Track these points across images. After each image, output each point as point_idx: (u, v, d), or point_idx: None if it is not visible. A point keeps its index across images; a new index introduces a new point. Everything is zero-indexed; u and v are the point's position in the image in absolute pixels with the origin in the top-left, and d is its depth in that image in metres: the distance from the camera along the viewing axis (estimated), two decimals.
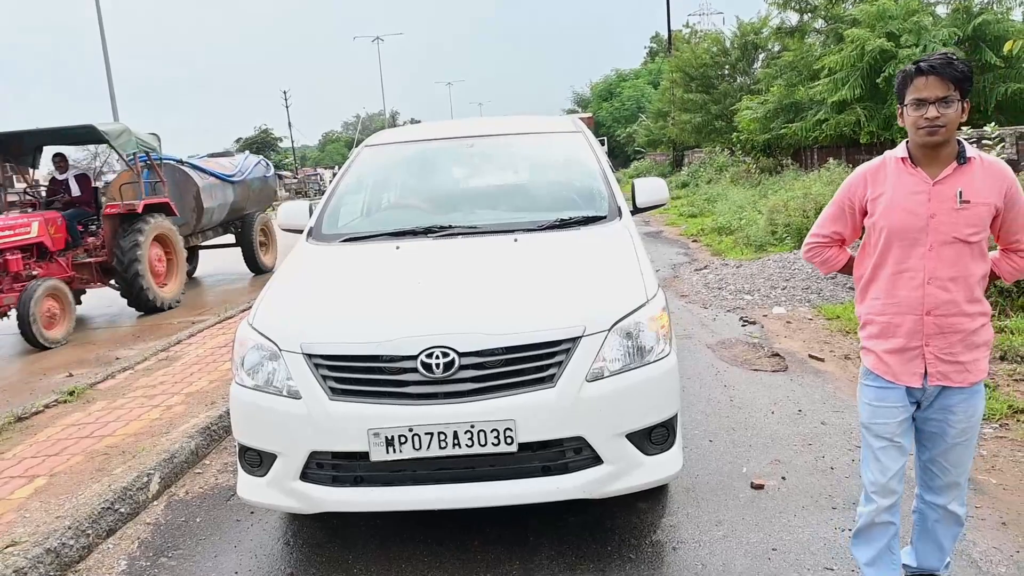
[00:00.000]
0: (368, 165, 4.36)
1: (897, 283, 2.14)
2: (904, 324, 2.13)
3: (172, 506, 3.61)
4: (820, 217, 2.42)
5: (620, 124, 45.72)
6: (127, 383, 5.46)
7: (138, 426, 4.44)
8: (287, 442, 2.66)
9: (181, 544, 3.22)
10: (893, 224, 2.11)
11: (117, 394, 5.17)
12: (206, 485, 3.83)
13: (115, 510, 3.39)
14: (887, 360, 2.18)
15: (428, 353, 2.55)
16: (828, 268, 2.46)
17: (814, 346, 5.43)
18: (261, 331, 2.84)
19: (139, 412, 4.70)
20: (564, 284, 2.91)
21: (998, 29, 11.47)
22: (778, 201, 10.16)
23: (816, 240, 2.42)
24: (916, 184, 2.11)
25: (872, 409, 2.25)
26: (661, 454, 2.73)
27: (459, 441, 2.51)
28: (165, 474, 3.80)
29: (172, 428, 4.34)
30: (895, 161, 2.18)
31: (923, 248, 2.09)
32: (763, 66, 20.73)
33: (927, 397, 2.19)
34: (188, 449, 4.07)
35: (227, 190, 10.87)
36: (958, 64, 2.02)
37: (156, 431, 4.32)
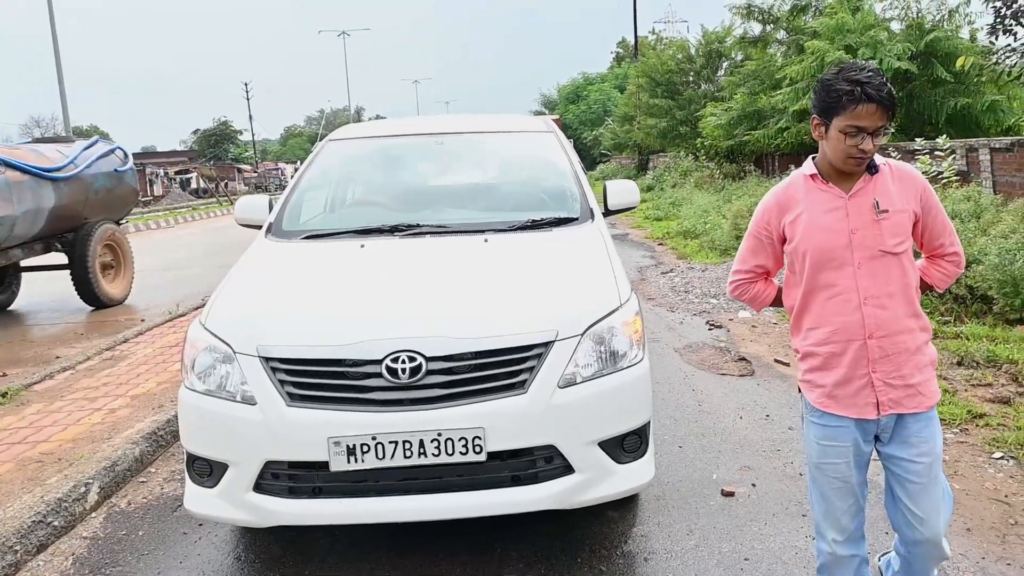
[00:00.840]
0: (333, 159, 4.20)
1: (833, 308, 1.97)
2: (847, 352, 1.95)
3: (112, 518, 3.36)
4: (739, 252, 2.22)
5: (586, 127, 46.00)
6: (67, 384, 5.13)
7: (77, 431, 4.15)
8: (240, 451, 2.50)
9: (121, 560, 2.99)
10: (815, 246, 1.96)
11: (55, 396, 4.84)
12: (151, 495, 3.59)
13: (48, 523, 3.14)
14: (834, 394, 1.99)
15: (394, 357, 2.43)
16: (759, 304, 2.26)
17: (779, 350, 5.44)
18: (214, 332, 2.67)
19: (79, 416, 4.41)
20: (536, 287, 2.81)
21: (948, 46, 11.83)
22: (742, 206, 10.26)
23: (740, 277, 2.22)
24: (831, 200, 1.97)
25: (821, 448, 2.05)
26: (633, 462, 2.66)
27: (425, 450, 2.40)
28: (105, 483, 3.55)
29: (115, 433, 4.07)
30: (804, 179, 2.03)
31: (851, 267, 1.94)
32: (727, 74, 21.05)
33: (884, 430, 2.01)
34: (132, 456, 3.81)
35: (42, 190, 7.60)
36: (891, 90, 1.86)
37: (97, 436, 4.04)
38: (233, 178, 53.04)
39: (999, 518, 2.94)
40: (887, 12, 13.29)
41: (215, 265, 11.88)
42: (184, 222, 24.62)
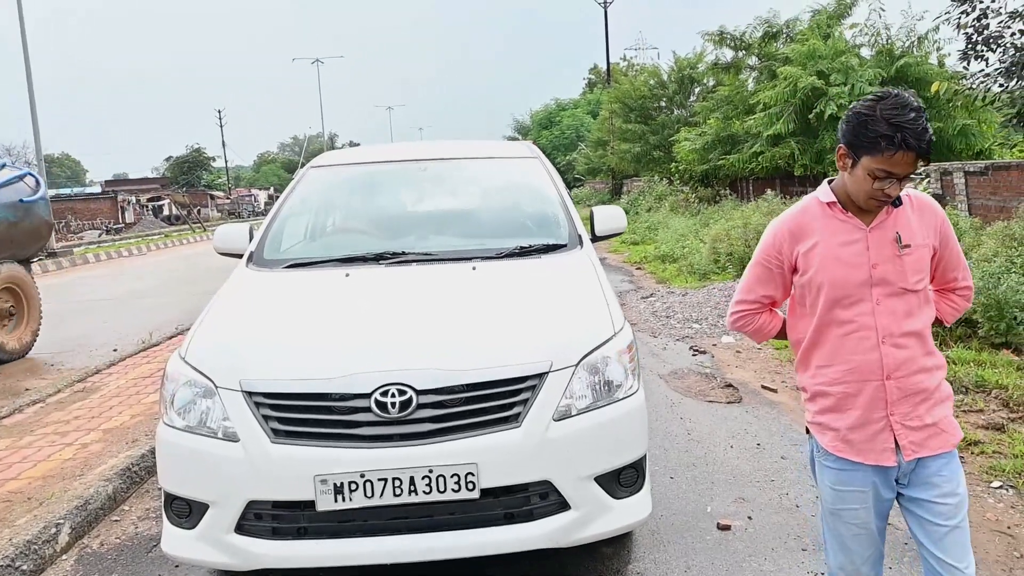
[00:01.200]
0: (314, 187, 4.11)
1: (848, 346, 1.84)
2: (862, 392, 1.83)
3: (84, 560, 3.22)
4: (744, 281, 2.07)
5: (560, 152, 46.38)
6: (37, 418, 4.96)
7: (47, 467, 4.00)
8: (222, 490, 2.40)
9: None
10: (833, 280, 1.83)
11: (25, 431, 4.68)
12: (124, 535, 3.45)
13: (16, 568, 2.99)
14: (849, 438, 1.85)
15: (383, 391, 2.35)
16: (761, 337, 2.12)
17: (765, 376, 5.41)
18: (194, 365, 2.58)
19: (49, 451, 4.26)
20: (528, 316, 2.73)
21: (919, 71, 12.17)
22: (720, 231, 10.33)
23: (744, 308, 2.07)
24: (849, 232, 1.84)
25: (837, 494, 1.90)
26: (630, 497, 2.58)
27: (416, 488, 2.31)
28: (77, 523, 3.40)
29: (87, 470, 3.92)
30: (819, 206, 1.89)
31: (869, 303, 1.82)
32: (699, 99, 21.42)
33: (904, 473, 1.86)
34: (104, 494, 3.66)
35: None
36: (931, 136, 1.76)
37: (68, 473, 3.89)
38: (206, 205, 53.24)
39: (1003, 551, 2.89)
40: (857, 38, 13.66)
41: (189, 293, 11.69)
42: (156, 249, 24.49)
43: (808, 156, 12.95)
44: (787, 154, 13.17)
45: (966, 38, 8.05)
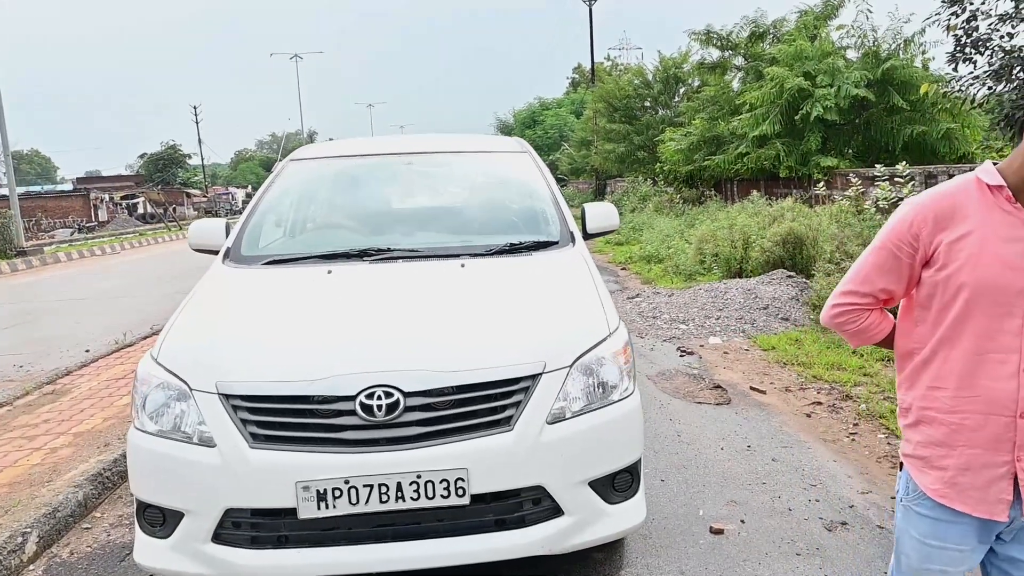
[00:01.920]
0: (294, 180, 4.01)
1: (978, 368, 1.52)
2: (985, 428, 1.51)
3: (52, 570, 3.13)
4: (858, 268, 1.71)
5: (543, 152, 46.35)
6: (3, 422, 4.83)
7: (14, 473, 3.88)
8: (198, 498, 2.32)
9: None
10: (982, 282, 1.49)
11: None
12: (95, 543, 3.35)
13: None
14: (957, 481, 1.55)
15: (368, 393, 2.27)
16: (862, 340, 1.76)
17: (754, 377, 5.41)
18: (168, 367, 2.49)
19: (16, 456, 4.13)
20: (520, 315, 2.67)
21: (904, 74, 12.30)
22: (707, 231, 10.36)
23: (851, 302, 1.71)
24: (1015, 228, 1.50)
25: (926, 550, 1.62)
26: (625, 502, 2.55)
27: (403, 494, 2.24)
28: (45, 531, 3.30)
29: (56, 476, 3.80)
30: (980, 189, 1.54)
31: (1019, 320, 1.49)
32: (684, 99, 21.52)
33: (1010, 530, 1.59)
34: (74, 500, 3.56)
35: None
36: None
37: (36, 480, 3.78)
38: (182, 203, 53.07)
39: None
40: (844, 40, 13.78)
41: (164, 292, 11.52)
42: (131, 248, 24.21)
43: (793, 158, 13.04)
44: (772, 155, 13.25)
45: (955, 40, 8.13)
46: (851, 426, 4.34)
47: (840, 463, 3.82)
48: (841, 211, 10.11)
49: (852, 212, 9.97)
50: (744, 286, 7.99)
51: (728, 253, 9.37)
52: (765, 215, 9.93)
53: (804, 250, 8.48)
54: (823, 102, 12.24)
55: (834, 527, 3.15)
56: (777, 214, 9.77)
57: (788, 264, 8.52)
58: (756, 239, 9.11)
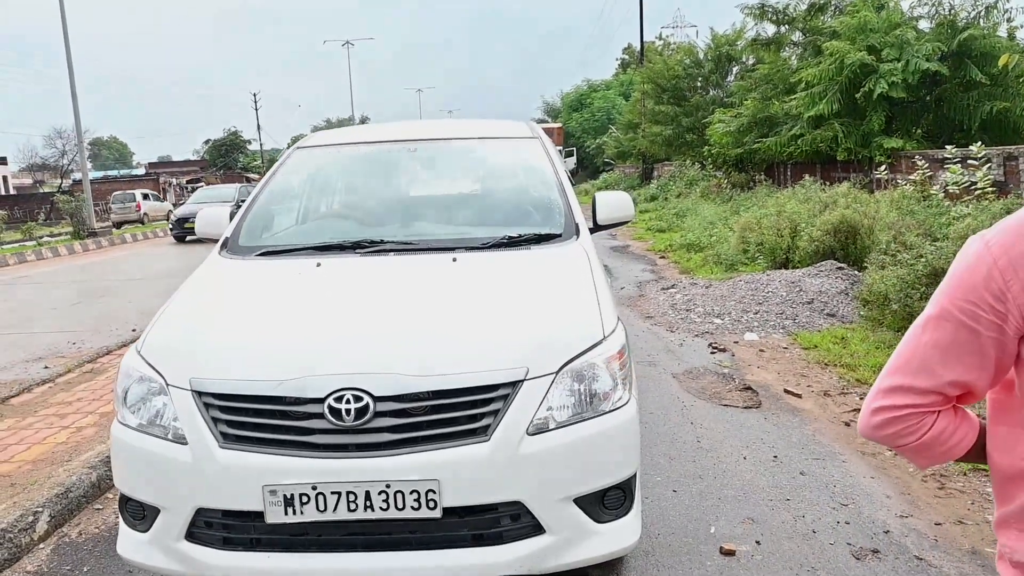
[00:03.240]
0: (299, 169, 4.01)
1: None
2: None
3: (60, 550, 3.22)
4: (909, 349, 1.15)
5: (590, 135, 45.90)
6: (43, 398, 5.15)
7: (39, 451, 4.10)
8: (171, 495, 2.33)
9: None
10: None
11: (29, 411, 4.85)
12: (103, 525, 3.43)
13: None
14: None
15: (337, 396, 2.19)
16: (932, 458, 1.19)
17: (790, 379, 5.05)
18: (148, 360, 2.48)
19: (45, 434, 4.38)
20: (506, 316, 2.52)
21: (984, 45, 11.50)
22: (750, 218, 9.92)
23: (904, 405, 1.14)
24: None
25: None
26: (616, 521, 2.35)
27: (372, 503, 2.16)
28: (57, 511, 3.42)
29: (75, 455, 3.97)
30: None
31: None
32: (737, 79, 20.82)
33: None
34: (88, 481, 3.67)
35: None
36: None
37: (57, 459, 3.95)
38: None
39: None
40: (915, 10, 12.99)
41: None
42: None
43: (853, 139, 12.38)
44: (829, 137, 12.61)
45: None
46: None
47: (878, 480, 3.47)
48: (904, 197, 9.52)
49: (916, 198, 9.38)
50: (788, 278, 7.56)
51: (773, 242, 8.92)
52: (816, 201, 9.43)
53: (858, 240, 7.99)
54: (888, 78, 11.55)
55: (863, 555, 2.83)
56: (829, 200, 9.25)
57: (840, 255, 8.05)
58: (805, 227, 8.64)
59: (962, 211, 7.45)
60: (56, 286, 12.09)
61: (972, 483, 3.40)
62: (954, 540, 2.92)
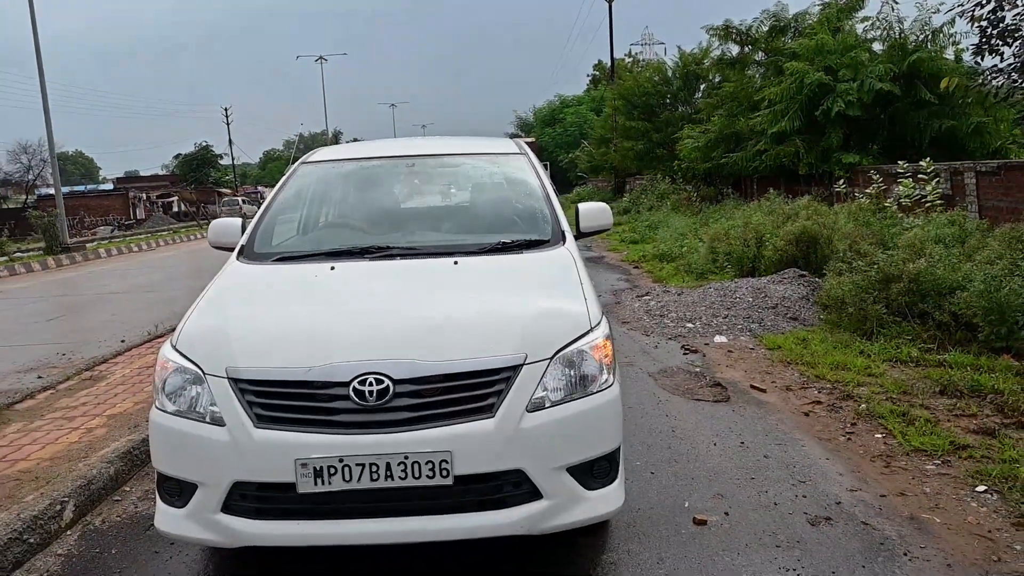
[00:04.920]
0: (305, 182, 4.33)
1: None
2: None
3: (86, 536, 3.50)
4: None
5: (563, 149, 46.56)
6: (47, 403, 5.35)
7: (55, 450, 4.32)
8: (209, 471, 2.60)
9: None
10: None
11: (35, 415, 5.07)
12: (124, 513, 3.72)
13: (23, 541, 3.28)
14: None
15: (361, 380, 2.50)
16: None
17: (756, 376, 5.49)
18: (184, 353, 2.79)
19: (57, 435, 4.60)
20: (505, 310, 2.88)
21: (932, 67, 12.22)
22: (719, 230, 10.42)
23: None
24: None
25: None
26: (603, 488, 2.72)
27: (392, 473, 2.46)
28: (81, 502, 3.70)
29: (91, 452, 4.23)
30: None
31: None
32: (704, 96, 21.53)
33: None
34: (107, 475, 3.95)
35: None
36: None
37: (74, 455, 4.20)
38: (213, 202, 56.72)
39: (981, 554, 2.96)
40: (869, 33, 13.73)
41: (194, 287, 11.75)
42: (165, 244, 26.05)
43: (813, 155, 13.03)
44: (791, 152, 13.26)
45: (980, 31, 8.14)
46: (848, 425, 4.41)
47: (832, 461, 3.90)
48: (860, 209, 10.11)
49: (872, 210, 9.97)
50: (754, 285, 8.05)
51: (740, 252, 9.42)
52: (780, 213, 9.97)
53: (818, 249, 8.52)
54: (845, 97, 12.23)
55: (818, 522, 3.25)
56: (792, 212, 9.80)
57: (801, 263, 8.57)
58: (770, 238, 9.16)
59: (912, 222, 8.03)
60: (34, 301, 12.16)
61: (913, 462, 3.85)
62: (896, 508, 3.35)
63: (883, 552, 2.97)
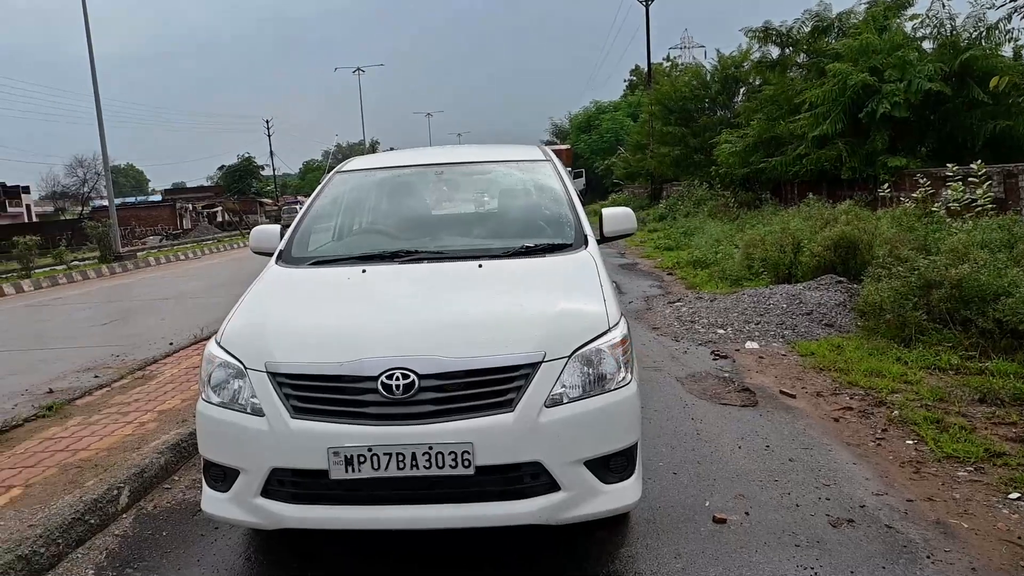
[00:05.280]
0: (339, 190, 4.55)
1: None
2: None
3: (140, 519, 3.77)
4: None
5: (599, 156, 46.45)
6: (103, 400, 5.73)
7: (111, 441, 4.65)
8: (249, 458, 2.79)
9: (147, 556, 3.38)
10: None
11: (93, 410, 5.43)
12: (174, 500, 3.99)
13: (85, 521, 3.57)
14: None
15: (389, 374, 2.65)
16: None
17: (786, 382, 5.45)
18: (228, 349, 2.98)
19: (113, 428, 4.95)
20: (525, 309, 3.00)
21: (987, 64, 11.88)
22: (755, 235, 10.33)
23: None
24: None
25: None
26: (620, 483, 2.80)
27: (417, 462, 2.60)
28: (135, 488, 3.99)
29: (143, 444, 4.53)
30: None
31: None
32: (743, 100, 21.33)
33: None
34: (158, 464, 4.25)
35: None
36: None
37: (128, 447, 4.51)
38: (255, 211, 59.26)
39: (1009, 559, 2.92)
40: (918, 31, 13.43)
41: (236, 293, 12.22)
42: (210, 253, 27.41)
43: (857, 158, 12.82)
44: (834, 156, 13.06)
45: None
46: (879, 431, 4.36)
47: (860, 466, 3.87)
48: (905, 214, 9.92)
49: (917, 215, 9.77)
50: (789, 291, 7.96)
51: (776, 258, 9.33)
52: (818, 219, 9.84)
53: (858, 255, 8.38)
54: (891, 98, 12.00)
55: (839, 523, 3.24)
56: (831, 217, 9.66)
57: (840, 269, 8.45)
58: (807, 243, 9.05)
59: (959, 227, 7.85)
60: (90, 306, 12.78)
61: (945, 468, 3.79)
62: (922, 513, 3.32)
63: (905, 555, 2.95)
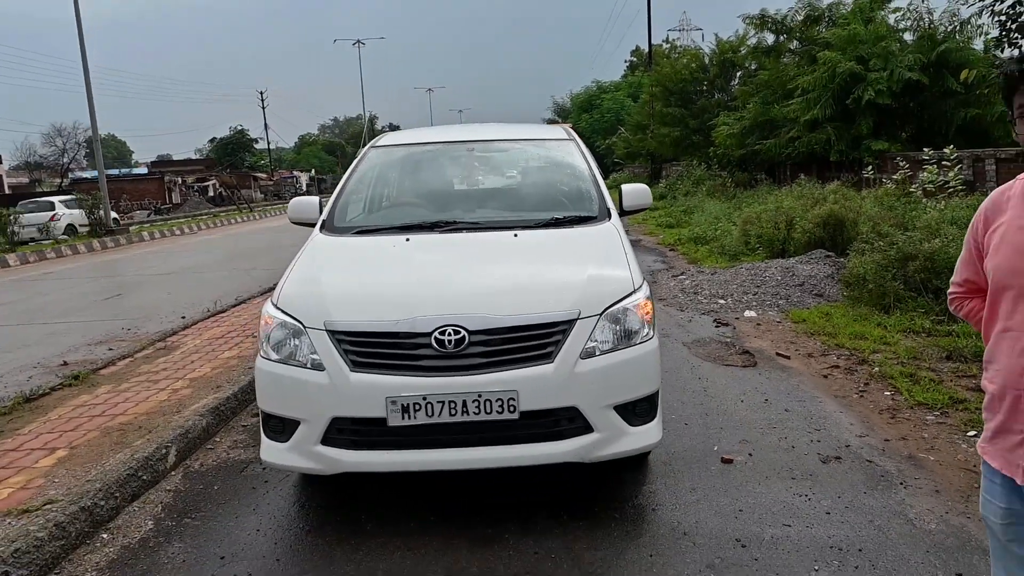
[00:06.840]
0: (375, 165, 4.73)
1: (1000, 346, 1.65)
2: (1005, 399, 1.63)
3: (189, 476, 3.91)
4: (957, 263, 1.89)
5: (599, 135, 46.37)
6: (129, 369, 5.72)
7: (148, 406, 4.70)
8: (310, 409, 2.96)
9: (203, 507, 3.51)
10: (998, 265, 1.63)
11: (121, 379, 5.42)
12: (219, 459, 4.13)
13: (138, 477, 3.67)
14: (992, 441, 1.69)
15: (441, 331, 2.88)
16: (972, 323, 1.88)
17: (781, 345, 5.91)
18: (285, 310, 3.15)
19: (147, 395, 4.97)
20: (561, 274, 3.31)
21: (959, 57, 12.25)
22: (751, 213, 10.72)
23: (952, 291, 1.91)
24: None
25: (982, 500, 1.77)
26: (644, 425, 3.13)
27: (467, 409, 2.84)
28: (181, 448, 4.09)
29: (183, 408, 4.61)
30: (1020, 184, 1.67)
31: None
32: (740, 83, 21.52)
33: None
34: (200, 427, 4.35)
35: None
36: None
37: (167, 411, 4.58)
38: (249, 186, 55.14)
39: (965, 483, 3.39)
40: (900, 23, 13.73)
41: (241, 269, 12.59)
42: (206, 228, 26.21)
43: (844, 142, 13.16)
44: (823, 139, 13.40)
45: (1000, 25, 8.28)
46: (862, 385, 4.83)
47: (845, 413, 4.34)
48: (886, 194, 10.32)
49: (897, 195, 10.17)
50: (783, 265, 8.40)
51: (771, 234, 9.74)
52: (809, 198, 10.24)
53: (844, 231, 8.81)
54: (875, 86, 12.33)
55: (828, 460, 3.71)
56: (820, 197, 10.06)
57: (828, 244, 8.87)
58: (799, 221, 9.46)
59: (932, 206, 8.27)
60: (85, 281, 12.54)
61: (916, 414, 4.27)
62: (897, 450, 3.79)
63: (883, 482, 3.43)
